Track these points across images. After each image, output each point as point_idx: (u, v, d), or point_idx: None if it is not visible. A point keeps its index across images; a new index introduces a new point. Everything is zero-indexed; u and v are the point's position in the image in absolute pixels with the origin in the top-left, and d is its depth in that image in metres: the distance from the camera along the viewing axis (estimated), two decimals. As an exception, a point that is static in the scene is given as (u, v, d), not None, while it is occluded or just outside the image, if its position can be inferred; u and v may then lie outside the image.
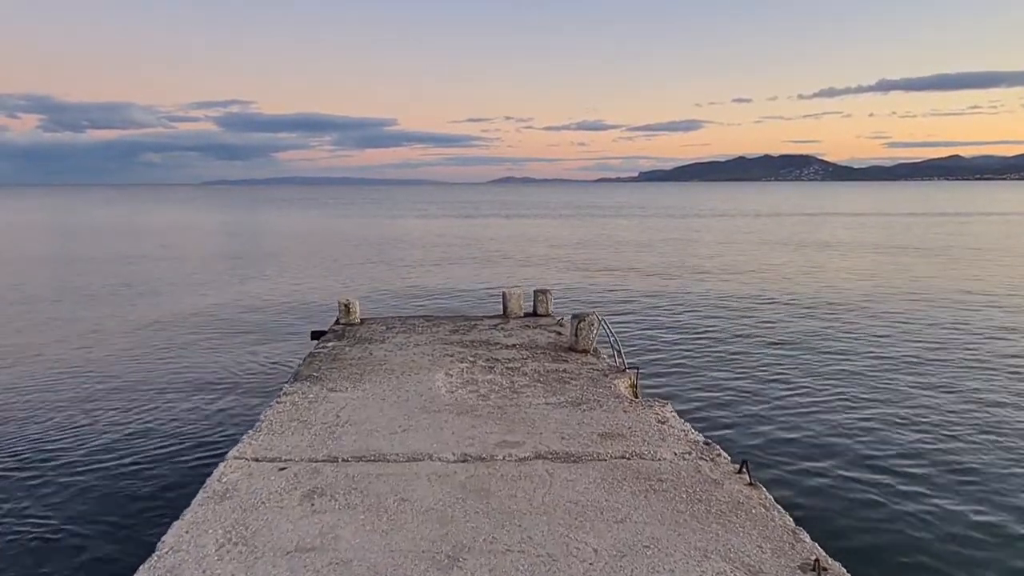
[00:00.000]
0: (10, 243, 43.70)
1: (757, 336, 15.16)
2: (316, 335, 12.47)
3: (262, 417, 7.17)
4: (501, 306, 13.73)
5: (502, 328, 12.14)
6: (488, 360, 9.74)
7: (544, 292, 13.48)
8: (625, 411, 7.37)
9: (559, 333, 11.64)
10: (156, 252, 37.23)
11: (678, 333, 15.86)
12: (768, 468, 8.21)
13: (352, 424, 6.92)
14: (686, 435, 6.65)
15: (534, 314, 13.41)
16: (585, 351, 10.22)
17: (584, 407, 7.51)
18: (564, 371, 9.12)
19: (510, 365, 9.45)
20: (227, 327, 17.12)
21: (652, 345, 14.86)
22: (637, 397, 8.56)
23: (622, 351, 9.83)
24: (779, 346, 14.37)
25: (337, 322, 12.71)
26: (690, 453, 6.17)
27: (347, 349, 10.51)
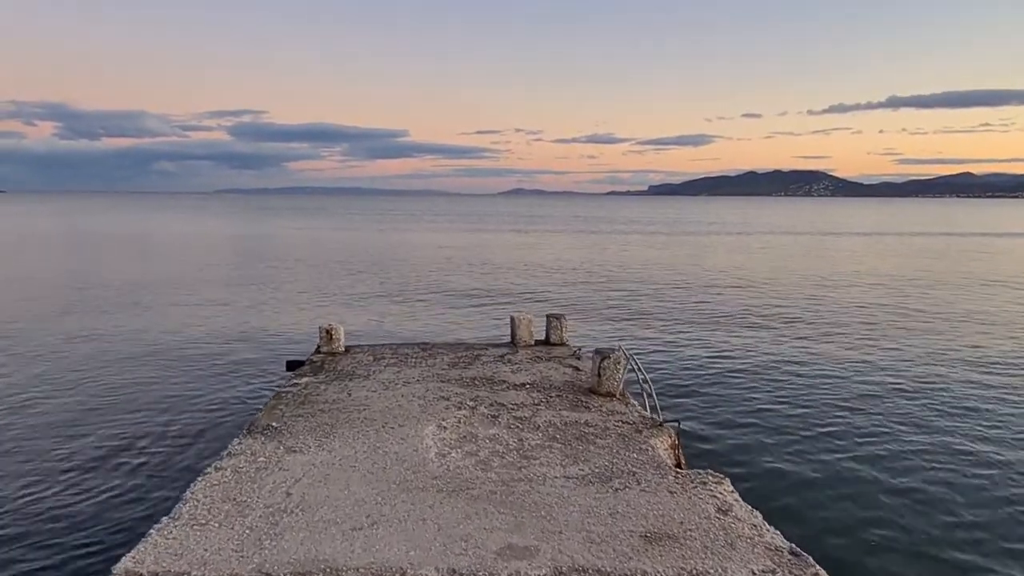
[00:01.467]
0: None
1: (818, 381, 12.61)
2: (292, 365, 10.72)
3: (188, 495, 5.38)
4: (509, 332, 11.95)
5: (509, 360, 10.35)
6: (492, 406, 7.93)
7: (558, 318, 11.69)
8: (671, 492, 5.55)
9: (576, 368, 9.83)
10: (147, 261, 35.51)
11: (717, 373, 13.41)
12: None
13: (304, 510, 5.12)
14: (760, 535, 4.82)
15: (546, 342, 11.62)
16: (610, 395, 8.41)
17: (616, 483, 5.69)
18: (586, 424, 7.31)
19: (519, 414, 7.64)
20: (194, 353, 14.79)
21: (688, 389, 12.43)
22: (680, 465, 6.74)
23: (655, 396, 8.02)
24: (846, 393, 11.95)
25: (318, 350, 10.95)
26: (775, 572, 4.33)
27: (322, 387, 8.72)
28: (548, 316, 11.79)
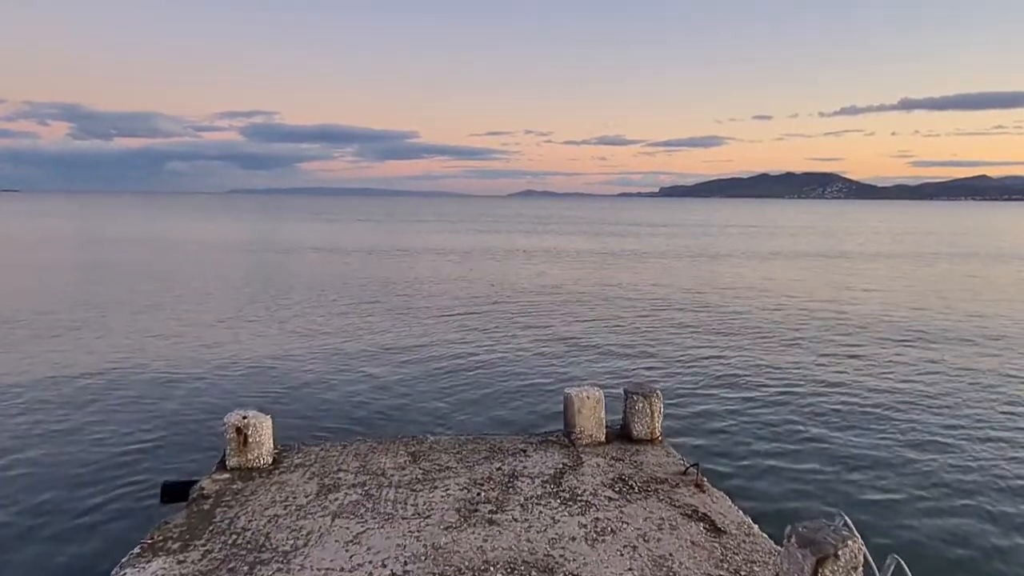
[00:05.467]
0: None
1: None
2: (171, 494, 5.91)
3: None
4: (561, 416, 7.14)
5: (571, 489, 5.54)
6: None
7: (646, 396, 6.82)
8: None
9: (712, 526, 4.97)
10: (85, 276, 29.70)
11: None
12: None
13: None
14: None
15: (625, 436, 6.80)
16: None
17: None
18: None
19: None
20: (33, 455, 8.23)
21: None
22: None
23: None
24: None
25: (223, 464, 6.11)
26: None
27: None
28: (627, 392, 6.93)
